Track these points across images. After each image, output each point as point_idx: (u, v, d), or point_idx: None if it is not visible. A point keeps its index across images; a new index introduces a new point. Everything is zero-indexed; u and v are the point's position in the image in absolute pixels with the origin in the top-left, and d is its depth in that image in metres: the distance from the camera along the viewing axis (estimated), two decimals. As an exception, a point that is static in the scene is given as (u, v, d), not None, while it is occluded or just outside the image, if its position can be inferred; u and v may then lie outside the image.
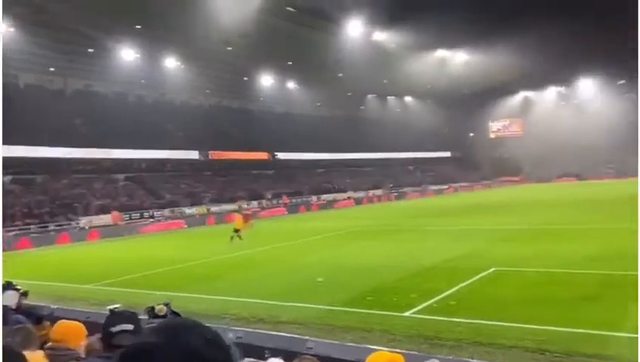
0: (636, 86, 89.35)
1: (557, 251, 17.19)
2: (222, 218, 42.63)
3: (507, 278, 14.09)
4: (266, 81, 72.33)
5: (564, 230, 22.70)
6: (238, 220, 26.78)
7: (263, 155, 67.37)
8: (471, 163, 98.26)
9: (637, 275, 10.35)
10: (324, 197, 60.73)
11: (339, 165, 76.71)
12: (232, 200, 50.81)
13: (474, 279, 13.78)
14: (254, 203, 52.27)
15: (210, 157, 59.95)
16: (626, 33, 65.62)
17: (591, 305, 10.52)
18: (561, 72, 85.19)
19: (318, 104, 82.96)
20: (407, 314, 10.87)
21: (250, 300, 13.11)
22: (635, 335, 7.61)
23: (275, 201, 55.01)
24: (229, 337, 3.48)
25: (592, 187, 58.18)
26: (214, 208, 48.47)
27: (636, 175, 28.16)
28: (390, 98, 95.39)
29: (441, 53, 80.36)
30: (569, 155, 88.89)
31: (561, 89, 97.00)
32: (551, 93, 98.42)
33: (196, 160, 59.17)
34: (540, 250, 17.63)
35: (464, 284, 13.21)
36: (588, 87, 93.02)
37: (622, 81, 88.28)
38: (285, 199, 55.43)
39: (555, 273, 14.03)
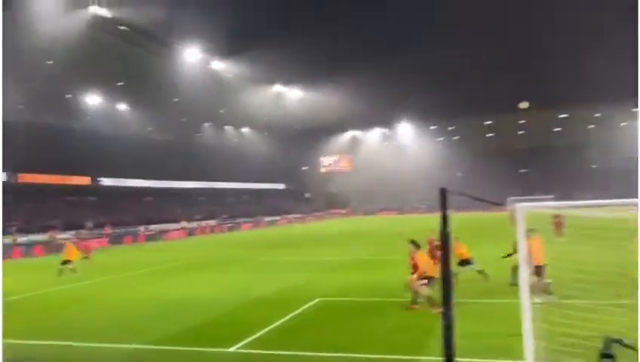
0: (445, 131, 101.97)
1: (377, 280, 18.39)
2: (30, 251, 38.04)
3: (330, 308, 14.59)
4: (93, 100, 67.47)
5: (384, 261, 24.42)
6: (69, 250, 24.02)
7: (84, 180, 62.04)
8: (303, 195, 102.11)
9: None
10: (152, 227, 57.66)
11: (170, 194, 73.88)
12: (43, 230, 45.63)
13: (300, 310, 14.02)
14: (71, 233, 47.30)
15: (18, 180, 53.41)
16: (440, 84, 74.62)
17: (403, 332, 11.33)
18: (385, 115, 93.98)
19: (150, 128, 79.62)
20: (232, 349, 10.60)
21: (61, 343, 11.71)
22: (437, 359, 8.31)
23: (96, 231, 50.71)
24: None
25: (409, 221, 63.83)
26: (22, 239, 42.94)
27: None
28: (227, 127, 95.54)
29: (278, 88, 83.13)
30: (390, 191, 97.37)
31: (385, 130, 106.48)
32: (376, 134, 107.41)
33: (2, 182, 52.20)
34: (361, 280, 18.69)
35: (290, 316, 13.36)
36: (407, 131, 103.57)
37: (434, 127, 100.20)
38: (108, 229, 51.44)
39: (373, 302, 14.93)
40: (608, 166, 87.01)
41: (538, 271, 13.12)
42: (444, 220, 6.63)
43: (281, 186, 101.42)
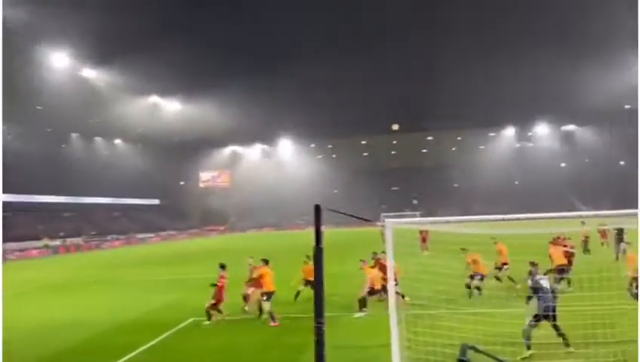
0: (324, 149, 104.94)
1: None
2: None
3: (204, 328, 14.16)
4: (-62, 103, 59.81)
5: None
6: None
7: None
8: (180, 211, 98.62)
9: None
10: (9, 245, 51.94)
11: (30, 208, 67.32)
12: None
13: (173, 330, 13.45)
14: None
15: None
16: (319, 103, 76.49)
17: (272, 349, 11.32)
18: (266, 131, 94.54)
19: (9, 135, 72.17)
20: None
21: None
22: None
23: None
24: None
25: (286, 236, 64.36)
26: None
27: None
28: (98, 139, 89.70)
29: (154, 98, 79.99)
30: (270, 207, 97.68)
31: (265, 146, 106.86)
32: (256, 150, 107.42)
33: None
34: (237, 298, 18.34)
35: (163, 337, 12.75)
36: (287, 147, 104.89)
37: (313, 145, 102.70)
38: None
39: (246, 319, 14.73)
40: (469, 185, 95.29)
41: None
42: (317, 236, 6.77)
43: (155, 201, 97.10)
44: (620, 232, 22.85)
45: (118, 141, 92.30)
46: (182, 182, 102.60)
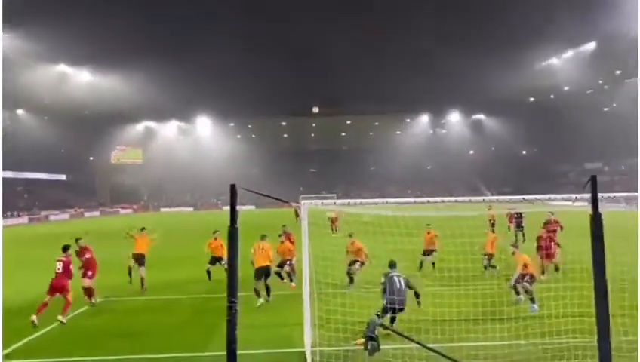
0: (244, 129, 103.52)
1: (162, 277, 17.77)
2: None
3: (112, 308, 13.67)
4: None
5: (170, 257, 23.71)
6: None
7: None
8: (89, 188, 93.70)
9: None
10: None
11: None
12: None
13: (77, 312, 12.88)
14: None
15: None
16: (239, 82, 75.17)
17: (185, 329, 11.17)
18: (183, 108, 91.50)
19: None
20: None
21: None
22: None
23: None
24: None
25: (203, 216, 63.20)
26: None
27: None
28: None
29: (62, 67, 74.93)
30: (186, 186, 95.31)
31: (182, 124, 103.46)
32: (172, 126, 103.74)
33: None
34: (148, 278, 17.85)
35: (70, 317, 12.15)
36: (205, 126, 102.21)
37: (232, 124, 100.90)
38: None
39: (157, 300, 14.42)
40: (385, 169, 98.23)
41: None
42: (233, 215, 6.72)
43: (62, 177, 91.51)
44: (519, 216, 24.57)
45: (20, 111, 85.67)
46: (91, 158, 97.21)
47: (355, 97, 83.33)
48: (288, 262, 15.33)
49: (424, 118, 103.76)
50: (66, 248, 12.94)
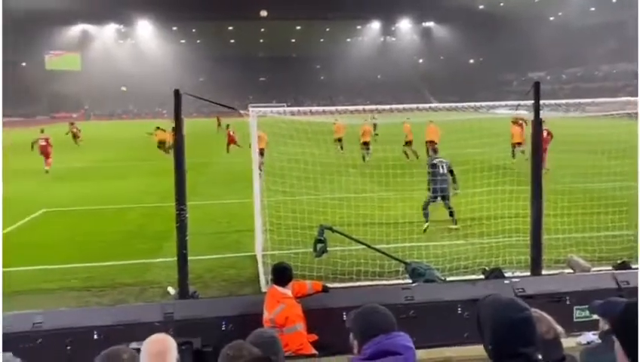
0: (188, 33, 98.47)
1: (107, 188, 17.49)
2: None
3: (59, 219, 13.46)
4: None
5: (117, 167, 23.24)
6: None
7: None
8: (23, 96, 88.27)
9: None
10: None
11: None
12: None
13: (20, 223, 12.60)
14: None
15: None
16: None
17: (135, 237, 11.19)
18: (119, 9, 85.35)
19: None
20: None
21: None
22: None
23: None
24: None
25: (146, 125, 61.21)
26: None
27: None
28: None
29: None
30: (128, 94, 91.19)
31: (121, 27, 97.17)
32: (111, 30, 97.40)
33: None
34: (92, 189, 17.54)
35: (8, 230, 11.89)
36: (146, 29, 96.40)
37: (175, 28, 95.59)
38: None
39: (105, 209, 14.27)
40: (335, 77, 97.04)
41: None
42: (177, 123, 6.54)
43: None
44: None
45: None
46: (23, 63, 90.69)
47: (305, 1, 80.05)
48: None
49: (375, 25, 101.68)
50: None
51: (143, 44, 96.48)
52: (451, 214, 11.01)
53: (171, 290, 7.21)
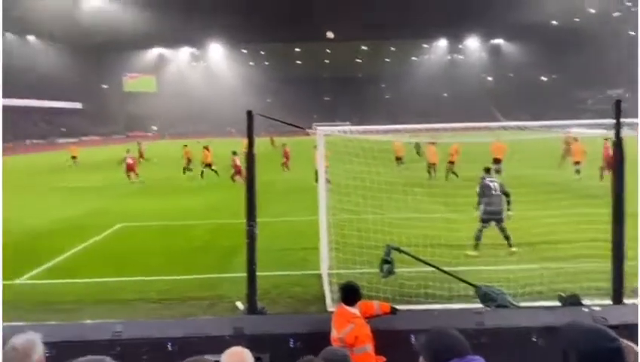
0: (257, 56, 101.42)
1: (178, 204, 18.18)
2: None
3: (133, 233, 14.10)
4: None
5: (189, 184, 24.12)
6: None
7: None
8: (103, 116, 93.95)
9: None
10: None
11: None
12: None
13: (99, 237, 13.30)
14: None
15: None
16: (252, 6, 72.82)
17: (204, 252, 11.53)
18: (195, 34, 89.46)
19: None
20: (18, 281, 9.68)
21: None
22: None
23: None
24: None
25: (217, 144, 63.23)
26: None
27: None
28: (9, 35, 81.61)
29: (72, -8, 73.22)
30: (199, 114, 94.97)
31: (194, 50, 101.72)
32: (185, 53, 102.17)
33: None
34: (162, 204, 18.29)
35: (89, 243, 12.60)
36: (217, 52, 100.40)
37: (244, 50, 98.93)
38: None
39: (175, 225, 14.81)
40: (400, 96, 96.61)
41: None
42: (250, 142, 6.73)
43: (77, 105, 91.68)
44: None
45: (31, 38, 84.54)
46: (105, 86, 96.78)
47: (371, 22, 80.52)
48: None
49: (441, 43, 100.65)
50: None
51: (214, 66, 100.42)
52: (507, 238, 10.55)
53: (240, 305, 7.36)
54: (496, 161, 20.85)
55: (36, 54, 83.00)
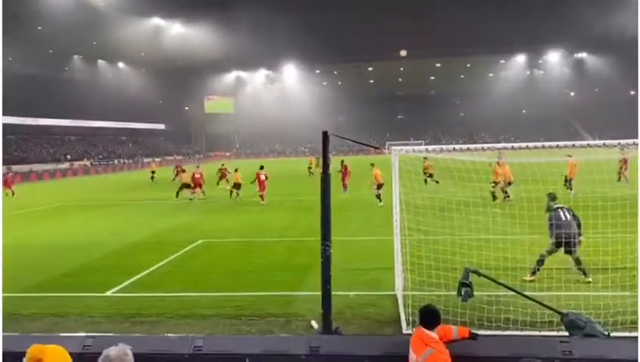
0: (330, 76, 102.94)
1: (257, 221, 18.63)
2: None
3: (213, 249, 14.59)
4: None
5: (268, 201, 24.66)
6: None
7: None
8: (184, 137, 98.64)
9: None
10: (15, 168, 52.69)
11: (34, 132, 67.38)
12: None
13: (181, 252, 13.87)
14: None
15: None
16: (325, 27, 74.20)
17: (280, 269, 11.72)
18: (270, 56, 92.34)
19: (10, 59, 70.93)
20: (108, 293, 10.27)
21: None
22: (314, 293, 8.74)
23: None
24: None
25: (292, 163, 64.46)
26: None
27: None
28: (101, 62, 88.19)
29: (156, 21, 77.84)
30: (274, 134, 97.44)
31: (270, 72, 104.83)
32: (261, 75, 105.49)
33: None
34: (242, 221, 18.83)
35: (171, 258, 13.17)
36: (291, 73, 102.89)
37: (318, 71, 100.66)
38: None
39: (253, 241, 15.17)
40: (476, 114, 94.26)
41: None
42: (325, 162, 6.83)
43: (161, 126, 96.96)
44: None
45: (121, 64, 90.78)
46: (186, 108, 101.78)
47: (445, 38, 79.50)
48: None
49: (520, 59, 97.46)
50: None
51: (289, 87, 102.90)
52: (581, 269, 9.79)
53: (315, 324, 7.40)
54: (568, 180, 20.39)
55: (125, 79, 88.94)
